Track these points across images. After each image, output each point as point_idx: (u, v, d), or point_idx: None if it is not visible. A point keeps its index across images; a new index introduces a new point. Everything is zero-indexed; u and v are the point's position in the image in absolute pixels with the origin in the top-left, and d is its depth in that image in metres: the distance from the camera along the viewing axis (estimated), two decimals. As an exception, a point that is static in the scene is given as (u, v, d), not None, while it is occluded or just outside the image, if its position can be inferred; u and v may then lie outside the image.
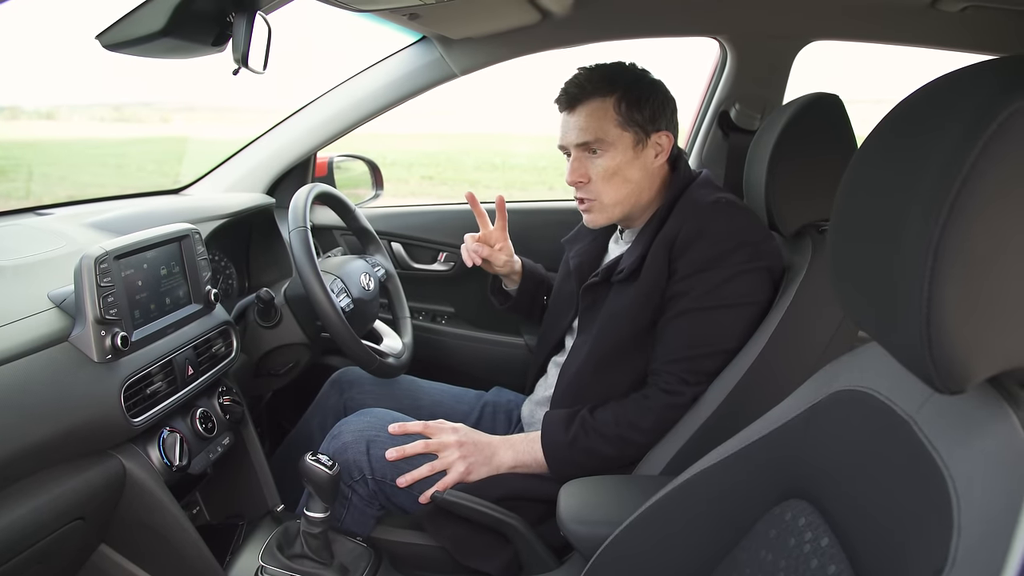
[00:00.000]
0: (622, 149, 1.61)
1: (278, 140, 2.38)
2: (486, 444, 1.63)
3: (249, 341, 1.87)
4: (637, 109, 1.60)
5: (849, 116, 1.54)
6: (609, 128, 1.60)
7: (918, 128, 0.67)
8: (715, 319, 1.52)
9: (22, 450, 1.14)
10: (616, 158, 1.61)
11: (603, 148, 1.62)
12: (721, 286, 1.51)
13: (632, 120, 1.60)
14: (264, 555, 1.50)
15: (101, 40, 1.30)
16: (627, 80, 1.62)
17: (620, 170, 1.62)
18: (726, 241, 1.51)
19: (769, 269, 1.56)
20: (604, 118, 1.60)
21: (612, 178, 1.63)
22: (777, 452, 0.96)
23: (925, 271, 0.60)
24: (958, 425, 0.70)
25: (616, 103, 1.60)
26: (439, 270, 2.62)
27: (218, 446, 1.61)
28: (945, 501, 0.65)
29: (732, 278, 1.51)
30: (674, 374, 1.54)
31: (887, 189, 0.68)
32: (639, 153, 1.63)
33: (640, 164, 1.63)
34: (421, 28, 2.08)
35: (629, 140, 1.61)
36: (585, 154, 1.64)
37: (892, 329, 0.68)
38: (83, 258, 1.29)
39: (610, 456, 1.55)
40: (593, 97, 1.61)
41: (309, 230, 1.76)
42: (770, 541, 0.92)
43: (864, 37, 2.22)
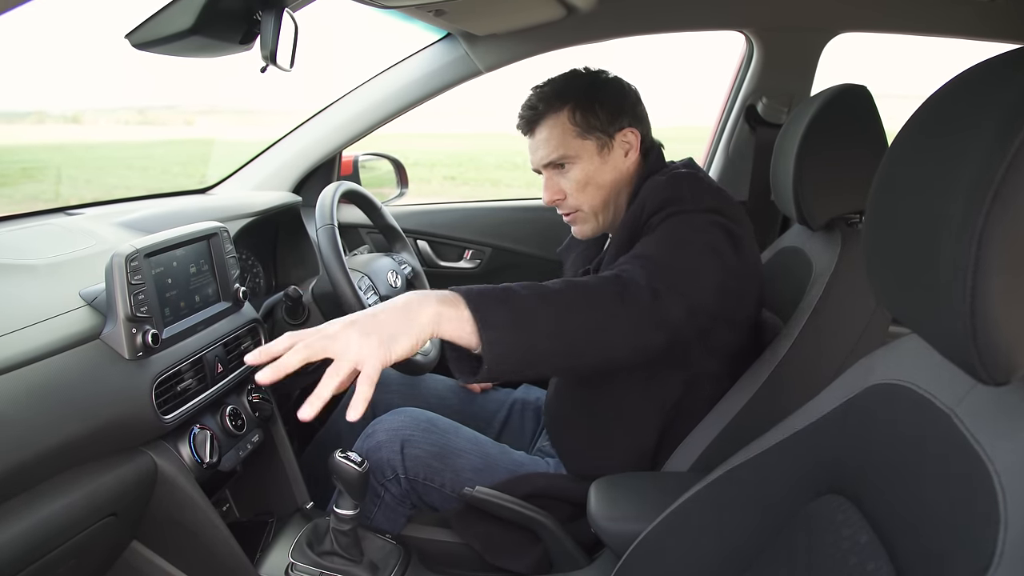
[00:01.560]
0: (587, 158, 1.58)
1: (304, 139, 2.39)
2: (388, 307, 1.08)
3: (277, 338, 1.87)
4: (592, 114, 1.57)
5: (878, 108, 1.53)
6: (569, 141, 1.58)
7: (957, 117, 0.66)
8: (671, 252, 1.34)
9: (55, 447, 1.15)
10: (584, 168, 1.59)
11: (569, 162, 1.59)
12: (679, 230, 1.38)
13: (590, 127, 1.57)
14: (294, 552, 1.50)
15: (130, 39, 1.31)
16: (576, 88, 1.59)
17: (592, 178, 1.59)
18: (687, 203, 1.43)
19: (729, 231, 1.40)
20: (563, 133, 1.58)
21: (585, 188, 1.60)
22: (813, 447, 0.95)
23: (969, 261, 0.59)
24: (1002, 417, 0.69)
25: (570, 114, 1.57)
26: (465, 267, 2.62)
27: (248, 443, 1.61)
28: (990, 495, 0.64)
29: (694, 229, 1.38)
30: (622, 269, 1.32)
31: (926, 179, 0.67)
32: (606, 157, 1.59)
33: (611, 167, 1.60)
34: (446, 24, 2.08)
35: (592, 147, 1.58)
36: (555, 172, 1.62)
37: (934, 320, 0.67)
38: (114, 256, 1.30)
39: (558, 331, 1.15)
40: (547, 115, 1.59)
41: (336, 228, 1.76)
42: (807, 537, 0.91)
43: (893, 28, 2.20)
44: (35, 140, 18.90)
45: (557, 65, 1.70)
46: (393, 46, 2.37)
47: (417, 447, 1.61)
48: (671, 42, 5.29)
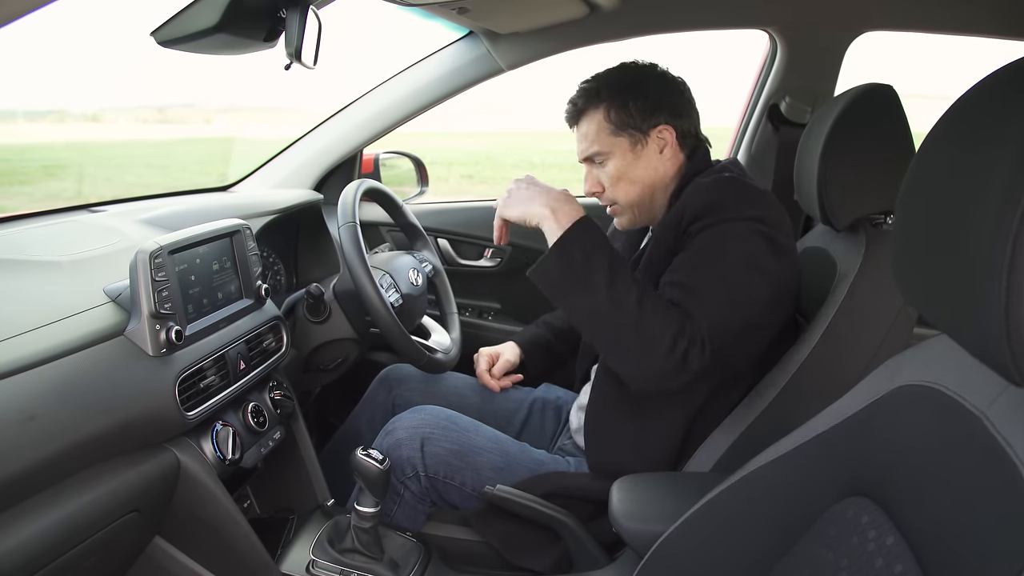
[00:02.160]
0: (620, 154, 1.62)
1: (325, 137, 2.39)
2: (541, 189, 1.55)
3: (299, 336, 1.88)
4: (626, 112, 1.60)
5: (904, 107, 1.52)
6: (603, 138, 1.61)
7: (988, 117, 0.65)
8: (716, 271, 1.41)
9: (79, 442, 1.15)
10: (617, 164, 1.62)
11: (604, 157, 1.63)
12: (721, 242, 1.43)
13: (623, 124, 1.60)
14: (315, 549, 1.51)
15: (156, 37, 1.31)
16: (612, 87, 1.62)
17: (624, 174, 1.63)
18: (730, 211, 1.45)
19: (772, 239, 1.44)
20: (598, 130, 1.62)
21: (619, 182, 1.63)
22: (838, 448, 0.95)
23: (1004, 261, 0.59)
24: None
25: (605, 112, 1.61)
26: (485, 266, 2.62)
27: (269, 440, 1.62)
28: (1021, 498, 0.63)
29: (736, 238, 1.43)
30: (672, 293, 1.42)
31: (957, 180, 0.66)
32: (639, 153, 1.62)
33: (644, 163, 1.63)
34: (469, 22, 2.08)
35: (626, 144, 1.61)
36: (593, 165, 1.66)
37: (966, 321, 0.67)
38: (138, 253, 1.30)
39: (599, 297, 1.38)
40: (585, 112, 1.63)
41: (358, 226, 1.76)
42: (831, 540, 0.90)
43: (919, 27, 2.18)
44: (56, 138, 19.04)
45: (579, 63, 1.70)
46: (414, 44, 2.37)
47: (437, 445, 1.62)
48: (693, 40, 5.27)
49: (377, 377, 2.05)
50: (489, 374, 1.94)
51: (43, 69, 32.11)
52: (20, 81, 28.14)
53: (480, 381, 1.95)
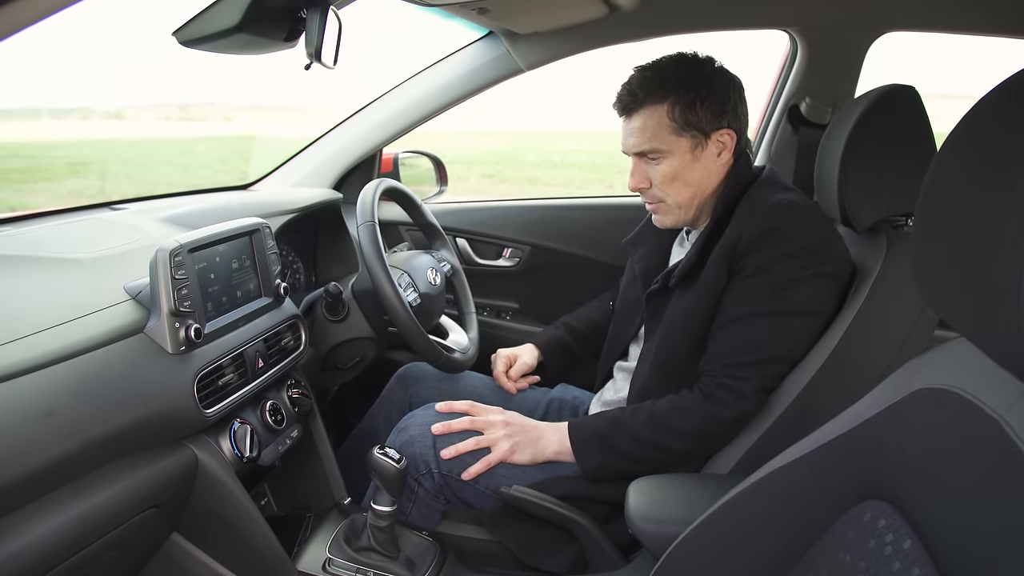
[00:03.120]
0: (679, 154, 1.58)
1: (345, 136, 2.40)
2: (532, 427, 1.64)
3: (317, 335, 1.89)
4: (692, 112, 1.56)
5: (926, 108, 1.50)
6: (664, 136, 1.57)
7: (1010, 120, 0.65)
8: (769, 324, 1.49)
9: (99, 439, 1.16)
10: (674, 164, 1.59)
11: (660, 155, 1.59)
12: (779, 291, 1.48)
13: (688, 123, 1.56)
14: (332, 547, 1.51)
15: (177, 37, 1.32)
16: (680, 82, 1.56)
17: (679, 175, 1.59)
18: (787, 244, 1.47)
19: (832, 275, 1.51)
20: (658, 126, 1.57)
21: (672, 183, 1.60)
22: (855, 451, 0.94)
23: (1021, 264, 0.58)
24: None
25: (669, 109, 1.56)
26: (504, 266, 2.61)
27: (287, 438, 1.62)
28: None
29: (791, 284, 1.47)
30: (717, 377, 1.51)
31: (978, 183, 0.66)
32: (699, 155, 1.59)
33: (701, 166, 1.60)
34: (489, 23, 2.08)
35: (686, 144, 1.58)
36: (643, 160, 1.62)
37: (984, 324, 0.66)
38: (159, 251, 1.31)
39: (642, 459, 1.54)
40: (645, 105, 1.58)
41: (377, 225, 1.77)
42: (848, 543, 0.90)
43: (940, 27, 2.16)
44: (80, 136, 19.19)
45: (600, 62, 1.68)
46: (435, 44, 2.38)
47: (449, 441, 1.62)
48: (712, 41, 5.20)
49: (395, 375, 2.05)
50: (506, 376, 1.95)
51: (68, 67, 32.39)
52: (46, 79, 28.39)
53: (497, 382, 1.95)
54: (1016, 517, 0.66)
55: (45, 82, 28.14)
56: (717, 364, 1.51)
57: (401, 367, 2.08)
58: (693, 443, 1.53)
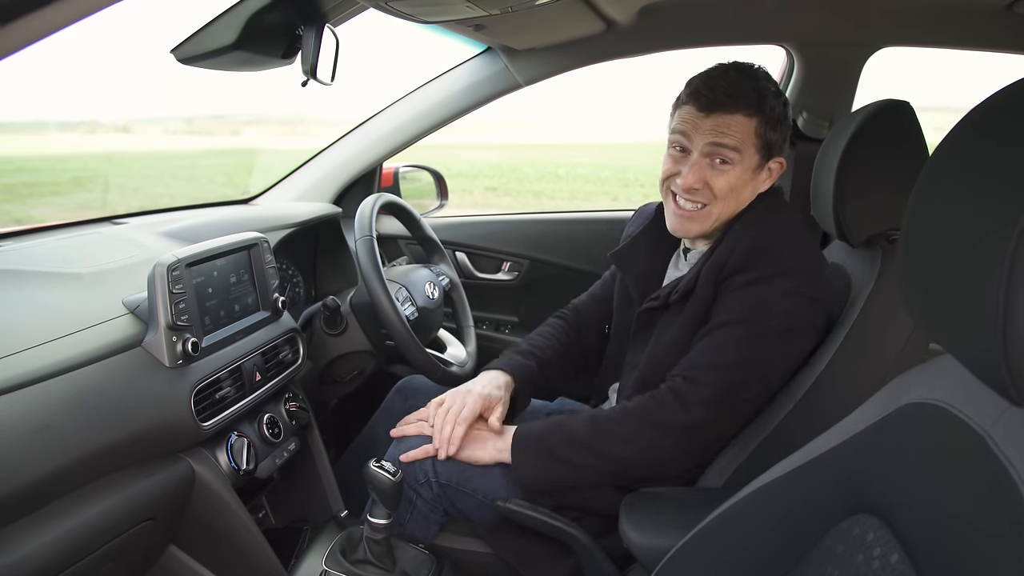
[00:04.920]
0: (746, 168, 1.54)
1: (345, 151, 2.42)
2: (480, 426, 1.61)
3: (315, 348, 1.90)
4: (774, 132, 1.54)
5: (920, 123, 1.51)
6: (747, 146, 1.53)
7: (995, 134, 0.65)
8: (740, 334, 1.45)
9: (96, 451, 1.17)
10: (738, 175, 1.54)
11: (733, 163, 1.53)
12: (758, 305, 1.45)
13: (766, 144, 1.54)
14: (328, 560, 1.51)
15: (175, 54, 1.34)
16: (772, 103, 1.53)
17: (737, 189, 1.55)
18: (778, 264, 1.46)
19: (817, 300, 1.49)
20: (746, 134, 1.52)
21: (729, 195, 1.55)
22: (844, 466, 0.94)
23: (1002, 280, 0.59)
24: None
25: (759, 125, 1.53)
26: (503, 279, 2.63)
27: (284, 451, 1.63)
28: (1021, 517, 0.63)
29: (773, 299, 1.45)
30: (672, 380, 1.49)
31: (961, 197, 0.66)
32: (755, 176, 1.56)
33: (752, 187, 1.57)
34: (486, 39, 2.09)
35: (755, 161, 1.55)
36: (710, 161, 1.54)
37: (966, 339, 0.67)
38: (156, 266, 1.33)
39: (581, 464, 1.49)
40: (739, 112, 1.52)
41: (375, 239, 1.78)
42: (837, 556, 0.90)
43: (936, 43, 2.17)
44: (87, 149, 19.27)
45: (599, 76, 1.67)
46: (439, 59, 2.39)
47: None
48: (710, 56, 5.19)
49: (394, 387, 2.04)
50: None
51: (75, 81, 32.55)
52: (53, 93, 28.53)
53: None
54: (998, 532, 0.67)
55: (52, 96, 28.28)
56: (678, 368, 1.50)
57: (401, 380, 2.07)
58: (631, 447, 1.48)
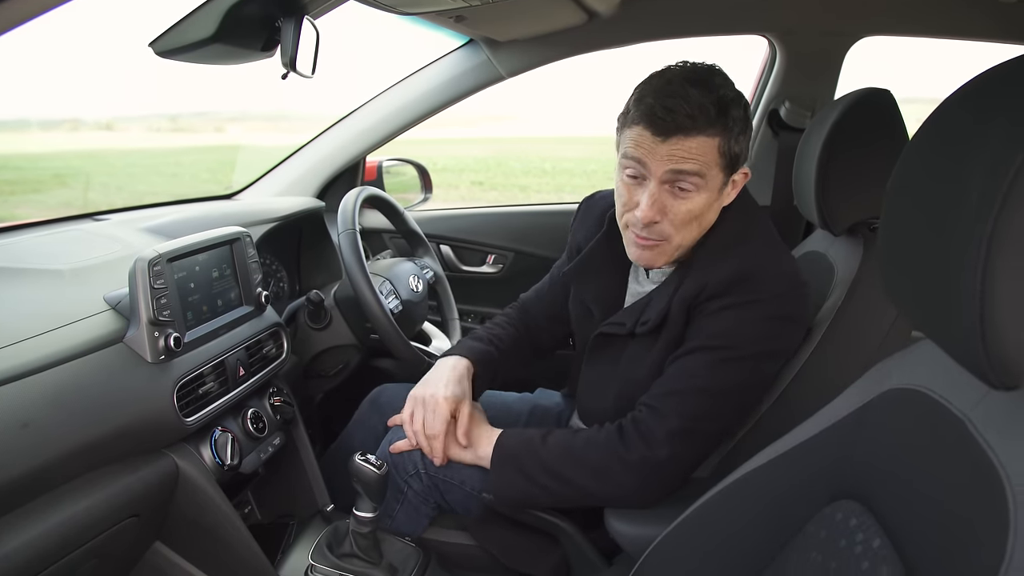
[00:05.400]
0: (710, 191, 1.37)
1: (328, 145, 2.41)
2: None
3: (299, 343, 1.89)
4: (737, 145, 1.36)
5: (901, 112, 1.52)
6: (711, 168, 1.34)
7: (970, 120, 0.66)
8: (711, 358, 1.37)
9: (79, 448, 1.17)
10: (704, 201, 1.37)
11: (697, 187, 1.35)
12: (732, 330, 1.37)
13: (731, 160, 1.36)
14: (314, 554, 1.51)
15: (154, 47, 1.33)
16: (734, 113, 1.34)
17: (699, 215, 1.38)
18: (753, 293, 1.37)
19: (793, 319, 1.42)
20: (709, 156, 1.33)
21: (691, 222, 1.39)
22: (827, 452, 0.95)
23: (978, 264, 0.59)
24: (1015, 423, 0.69)
25: (723, 142, 1.33)
26: (487, 272, 2.63)
27: (269, 446, 1.63)
28: (1001, 501, 0.64)
29: (747, 323, 1.37)
30: (639, 411, 1.42)
31: (939, 183, 0.67)
32: (720, 195, 1.40)
33: (716, 207, 1.42)
34: (467, 31, 2.09)
35: (719, 182, 1.38)
36: (669, 188, 1.36)
37: (946, 324, 0.67)
38: (137, 261, 1.32)
39: (546, 487, 1.43)
40: (700, 133, 1.32)
41: (358, 232, 1.77)
42: (820, 542, 0.91)
43: (917, 32, 2.18)
44: (69, 147, 19.12)
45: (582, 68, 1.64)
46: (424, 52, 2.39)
47: None
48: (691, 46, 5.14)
49: (367, 399, 1.95)
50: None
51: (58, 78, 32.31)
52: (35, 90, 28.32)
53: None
54: (978, 515, 0.67)
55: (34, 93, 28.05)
56: (647, 396, 1.42)
57: (373, 390, 1.97)
58: (596, 480, 1.40)
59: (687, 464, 1.41)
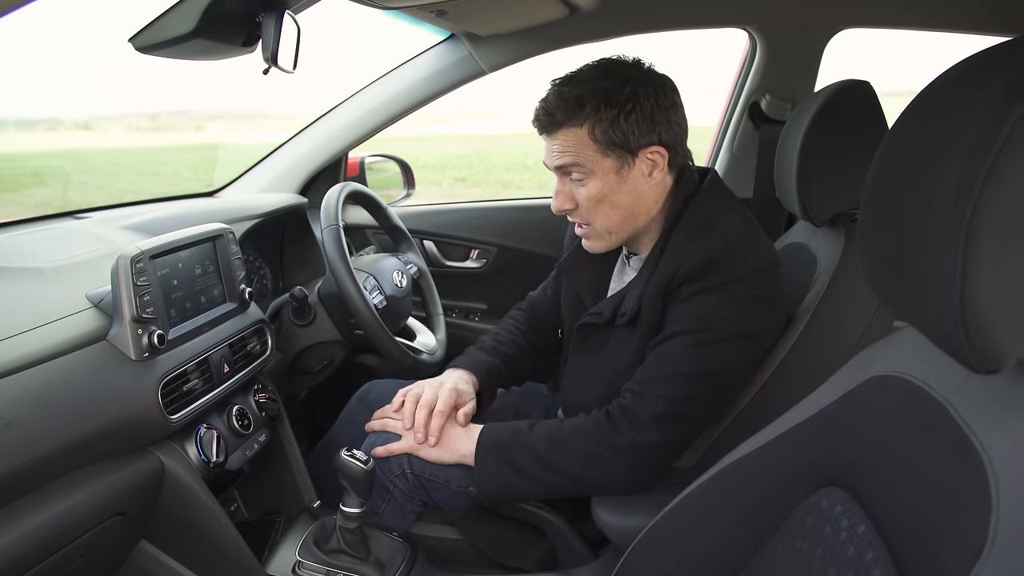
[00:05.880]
0: (603, 175, 1.44)
1: (310, 141, 2.40)
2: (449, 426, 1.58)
3: (284, 339, 1.89)
4: (616, 130, 1.40)
5: (881, 103, 1.53)
6: (587, 154, 1.43)
7: (949, 106, 0.66)
8: (691, 342, 1.40)
9: (62, 446, 1.16)
10: (598, 185, 1.45)
11: (583, 174, 1.45)
12: (710, 313, 1.39)
13: (613, 143, 1.41)
14: (301, 550, 1.51)
15: (134, 43, 1.32)
16: (601, 97, 1.40)
17: (606, 197, 1.45)
18: (729, 275, 1.39)
19: (769, 299, 1.43)
20: (581, 145, 1.43)
21: (599, 205, 1.47)
22: (811, 441, 0.95)
23: (958, 248, 0.59)
24: (996, 406, 0.69)
25: (591, 130, 1.41)
26: (471, 267, 2.63)
27: (254, 443, 1.62)
28: (983, 483, 0.64)
29: (723, 305, 1.39)
30: (624, 397, 1.44)
31: (918, 170, 0.67)
32: (625, 176, 1.45)
33: (629, 187, 1.46)
34: (449, 25, 2.09)
35: (611, 165, 1.43)
36: (567, 179, 1.48)
37: (926, 310, 0.67)
38: (119, 258, 1.31)
39: (536, 478, 1.45)
40: (564, 125, 1.43)
41: (341, 228, 1.77)
42: (806, 529, 0.91)
43: (895, 24, 2.19)
44: (47, 147, 18.97)
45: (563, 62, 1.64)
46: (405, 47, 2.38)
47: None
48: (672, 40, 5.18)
49: (355, 396, 1.95)
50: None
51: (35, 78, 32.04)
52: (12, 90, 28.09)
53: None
54: (960, 497, 0.68)
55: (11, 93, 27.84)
56: (631, 382, 1.45)
57: (362, 387, 1.97)
58: (586, 466, 1.43)
59: (674, 448, 1.44)
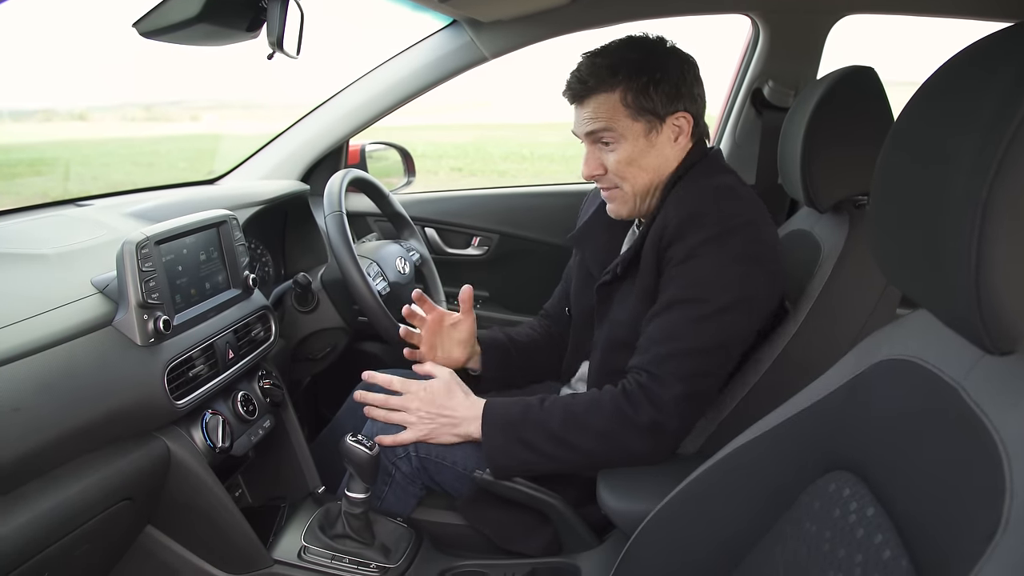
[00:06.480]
0: (633, 139, 1.52)
1: (311, 128, 2.39)
2: (451, 409, 1.56)
3: (287, 326, 1.89)
4: (646, 96, 1.49)
5: (885, 89, 1.53)
6: (619, 120, 1.51)
7: (962, 89, 0.66)
8: (692, 314, 1.41)
9: (69, 432, 1.16)
10: (628, 149, 1.52)
11: (614, 139, 1.53)
12: (702, 279, 1.41)
13: (643, 109, 1.50)
14: (307, 535, 1.51)
15: (138, 28, 1.31)
16: (631, 66, 1.49)
17: (635, 159, 1.53)
18: (709, 229, 1.41)
19: (758, 258, 1.44)
20: (612, 111, 1.51)
21: (628, 167, 1.54)
22: (819, 424, 0.95)
23: (974, 230, 0.59)
24: (1009, 387, 0.69)
25: (623, 95, 1.50)
26: (473, 254, 2.63)
27: (259, 428, 1.63)
28: (996, 465, 0.64)
29: (715, 270, 1.41)
30: (640, 375, 1.44)
31: (931, 151, 0.67)
32: (654, 140, 1.53)
33: (657, 151, 1.54)
34: (451, 11, 2.08)
35: (640, 129, 1.52)
36: (597, 145, 1.56)
37: (940, 292, 0.68)
38: (125, 243, 1.31)
39: (549, 454, 1.47)
40: (597, 92, 1.51)
41: (345, 215, 1.77)
42: (815, 513, 0.91)
43: (899, 10, 2.19)
44: (43, 138, 18.89)
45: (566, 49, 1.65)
46: (402, 34, 2.37)
47: None
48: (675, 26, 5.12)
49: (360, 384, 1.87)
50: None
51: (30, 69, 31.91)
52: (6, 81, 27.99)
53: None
54: (972, 481, 0.68)
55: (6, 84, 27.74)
56: (641, 359, 1.46)
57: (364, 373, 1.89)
58: (603, 443, 1.45)
59: (691, 422, 1.47)
